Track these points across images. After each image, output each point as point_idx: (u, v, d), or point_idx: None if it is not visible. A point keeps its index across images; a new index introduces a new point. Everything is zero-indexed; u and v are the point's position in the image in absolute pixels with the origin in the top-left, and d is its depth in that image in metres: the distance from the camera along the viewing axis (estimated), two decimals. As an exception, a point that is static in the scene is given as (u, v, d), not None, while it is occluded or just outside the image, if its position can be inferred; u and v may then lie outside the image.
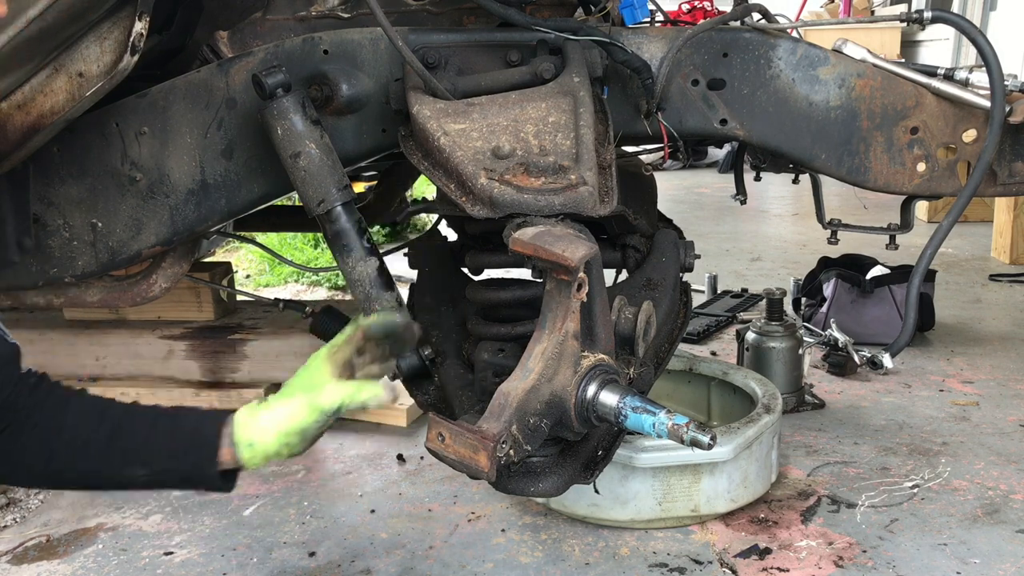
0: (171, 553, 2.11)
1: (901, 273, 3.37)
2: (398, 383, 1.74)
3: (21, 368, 1.36)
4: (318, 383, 1.36)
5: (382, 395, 1.36)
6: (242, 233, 2.90)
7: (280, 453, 1.35)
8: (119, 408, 1.40)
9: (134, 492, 2.25)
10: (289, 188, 1.79)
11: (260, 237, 4.45)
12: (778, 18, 1.93)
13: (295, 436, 1.35)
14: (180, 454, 1.36)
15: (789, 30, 1.88)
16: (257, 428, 1.34)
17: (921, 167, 1.93)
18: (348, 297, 3.81)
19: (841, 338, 2.80)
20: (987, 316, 3.73)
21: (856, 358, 2.57)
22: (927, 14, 1.88)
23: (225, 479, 1.38)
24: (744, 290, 4.07)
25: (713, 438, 1.25)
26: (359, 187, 3.53)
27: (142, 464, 1.35)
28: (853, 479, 2.35)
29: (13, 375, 1.34)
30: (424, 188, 5.46)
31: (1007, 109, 1.85)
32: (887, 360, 2.11)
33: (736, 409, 2.46)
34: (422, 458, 2.51)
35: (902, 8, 8.03)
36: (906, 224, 2.12)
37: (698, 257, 1.92)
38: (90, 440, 1.35)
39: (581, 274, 1.24)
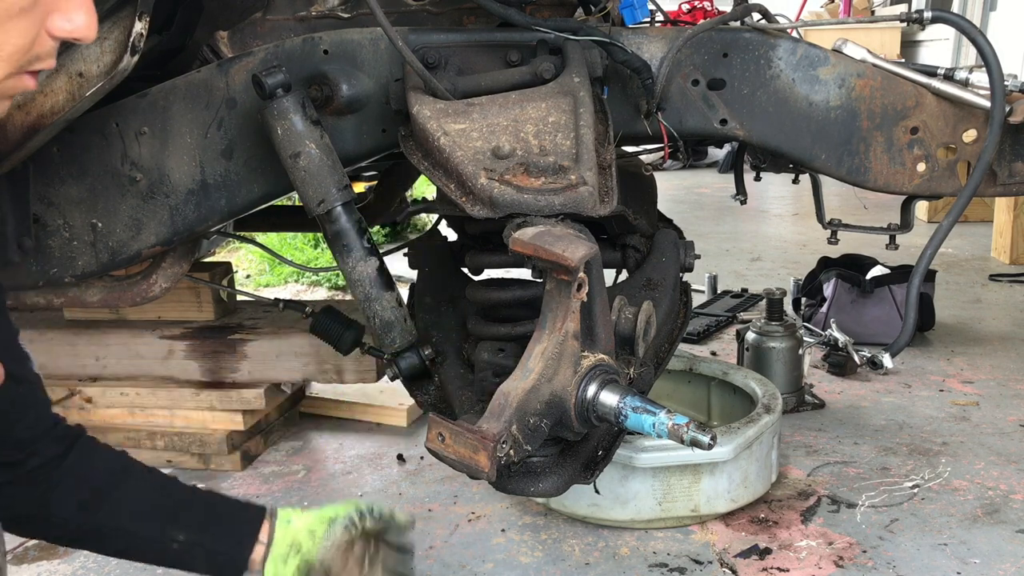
0: (171, 553, 2.11)
1: (901, 273, 3.37)
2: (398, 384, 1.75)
3: (47, 398, 1.35)
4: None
5: None
6: (242, 233, 2.90)
7: None
8: (160, 473, 1.40)
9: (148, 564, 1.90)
10: (289, 188, 1.79)
11: (260, 237, 4.45)
12: (778, 18, 1.92)
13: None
14: (218, 530, 1.37)
15: (789, 30, 1.88)
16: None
17: (921, 167, 1.93)
18: (348, 297, 3.80)
19: (841, 338, 2.80)
20: (987, 316, 3.73)
21: (856, 358, 2.57)
22: (927, 14, 1.88)
23: None
24: (744, 290, 4.07)
25: (713, 438, 1.25)
26: (359, 187, 3.53)
27: (182, 529, 1.35)
28: (853, 479, 2.35)
29: (29, 415, 1.31)
30: (424, 188, 5.46)
31: (1007, 109, 1.85)
32: (887, 360, 2.11)
33: (736, 409, 2.46)
34: (422, 458, 2.51)
35: (902, 8, 8.03)
36: (906, 224, 2.12)
37: (698, 257, 1.92)
38: (135, 494, 1.35)
39: (581, 274, 1.24)
